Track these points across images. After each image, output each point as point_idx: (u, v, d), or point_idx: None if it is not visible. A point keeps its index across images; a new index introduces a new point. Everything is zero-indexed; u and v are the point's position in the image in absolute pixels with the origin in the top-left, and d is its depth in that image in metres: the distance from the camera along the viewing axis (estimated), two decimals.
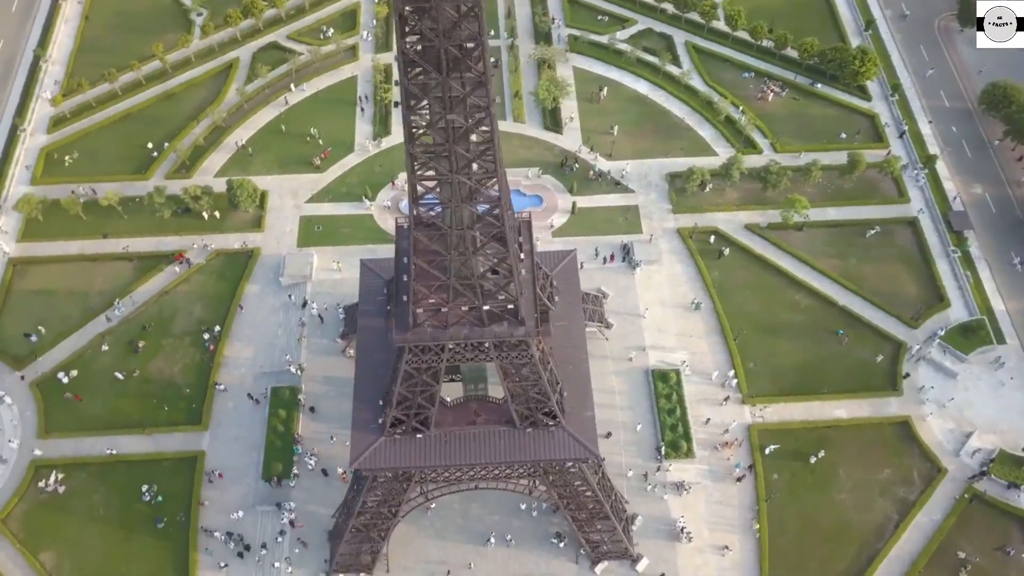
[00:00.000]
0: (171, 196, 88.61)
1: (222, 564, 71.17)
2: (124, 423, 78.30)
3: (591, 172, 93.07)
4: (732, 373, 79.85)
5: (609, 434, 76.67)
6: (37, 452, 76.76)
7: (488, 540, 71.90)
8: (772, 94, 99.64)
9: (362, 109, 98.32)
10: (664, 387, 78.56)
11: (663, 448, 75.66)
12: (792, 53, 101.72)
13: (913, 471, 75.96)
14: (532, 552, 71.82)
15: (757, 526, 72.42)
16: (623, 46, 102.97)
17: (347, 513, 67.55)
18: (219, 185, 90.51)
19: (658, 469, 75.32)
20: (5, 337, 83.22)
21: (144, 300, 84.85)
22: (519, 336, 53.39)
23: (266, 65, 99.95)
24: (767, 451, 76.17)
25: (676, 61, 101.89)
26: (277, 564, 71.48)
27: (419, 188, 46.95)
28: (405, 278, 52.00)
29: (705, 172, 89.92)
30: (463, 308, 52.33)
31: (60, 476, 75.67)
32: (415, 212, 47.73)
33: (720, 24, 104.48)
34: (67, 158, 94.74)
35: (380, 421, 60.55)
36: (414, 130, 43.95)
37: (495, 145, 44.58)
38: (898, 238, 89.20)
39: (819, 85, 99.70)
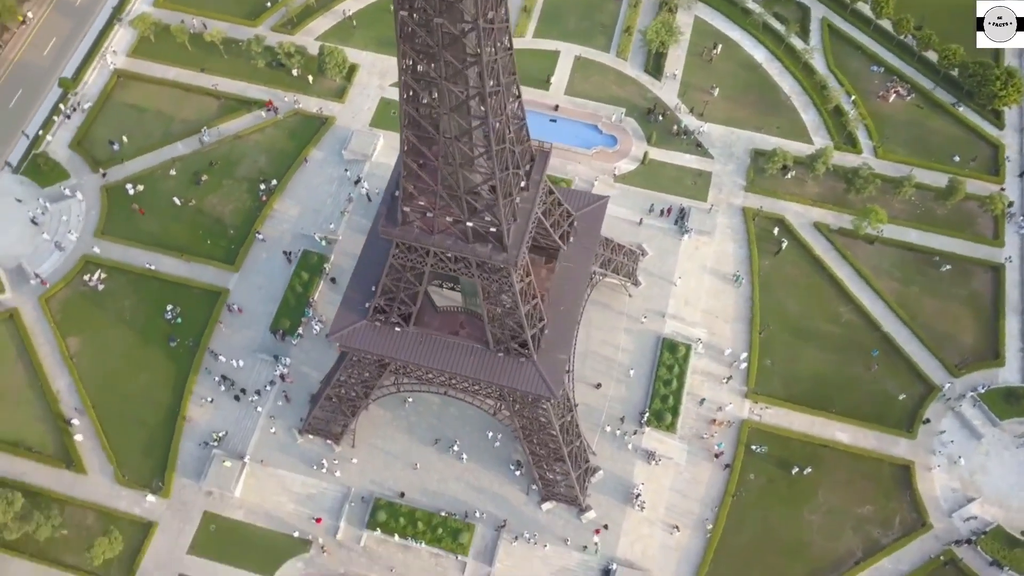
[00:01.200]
0: (268, 47, 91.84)
1: (208, 399, 76.46)
2: (169, 244, 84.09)
3: (676, 127, 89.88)
4: (744, 356, 77.52)
5: (599, 385, 76.65)
6: (96, 250, 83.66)
7: (452, 447, 74.16)
8: (895, 95, 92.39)
9: None
10: (670, 358, 77.26)
11: (647, 415, 75.00)
12: (932, 57, 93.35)
13: (896, 516, 72.59)
14: (488, 471, 73.74)
15: (711, 525, 71.38)
16: (753, 5, 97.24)
17: (326, 382, 71.04)
18: (315, 48, 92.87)
19: (635, 432, 74.90)
20: (93, 139, 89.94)
21: (218, 139, 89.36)
22: (498, 261, 53.60)
23: None
24: (752, 448, 74.31)
25: (804, 35, 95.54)
26: (259, 409, 76.20)
27: (410, 89, 46.75)
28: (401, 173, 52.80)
29: (790, 156, 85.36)
30: (448, 219, 52.79)
31: (103, 276, 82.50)
32: (404, 109, 47.76)
33: (865, 7, 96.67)
34: None
35: (367, 305, 62.63)
36: (405, 27, 43.62)
37: (482, 63, 43.64)
38: (974, 281, 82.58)
39: (956, 103, 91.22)
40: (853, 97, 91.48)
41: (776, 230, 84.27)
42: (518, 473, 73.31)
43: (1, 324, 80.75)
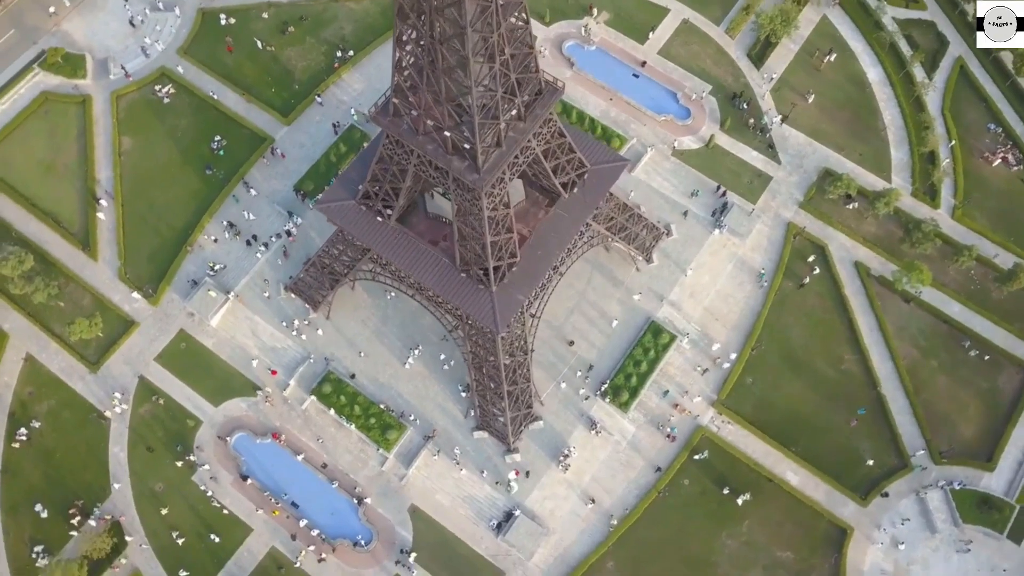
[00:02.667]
0: None
1: (214, 238, 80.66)
2: (237, 80, 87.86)
3: (754, 120, 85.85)
4: (732, 359, 75.80)
5: (572, 343, 76.40)
6: (180, 70, 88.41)
7: (414, 350, 76.14)
8: (1001, 160, 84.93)
9: None
10: (650, 341, 75.98)
11: (606, 385, 74.52)
12: None
13: (812, 573, 70.24)
14: (438, 384, 75.56)
15: (627, 511, 71.11)
16: (889, 21, 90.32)
17: (317, 250, 73.76)
18: None
19: (588, 398, 74.72)
20: None
21: None
22: (469, 181, 53.77)
23: None
24: (696, 457, 73.04)
25: (930, 68, 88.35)
26: (259, 256, 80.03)
27: None
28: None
29: (855, 186, 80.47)
30: (430, 123, 53.08)
31: (171, 91, 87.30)
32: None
33: (1008, 59, 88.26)
34: None
35: (360, 188, 64.26)
36: None
37: None
38: (1000, 376, 76.66)
39: None
40: (953, 143, 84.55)
41: (812, 258, 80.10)
42: (464, 395, 74.68)
43: (74, 105, 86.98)
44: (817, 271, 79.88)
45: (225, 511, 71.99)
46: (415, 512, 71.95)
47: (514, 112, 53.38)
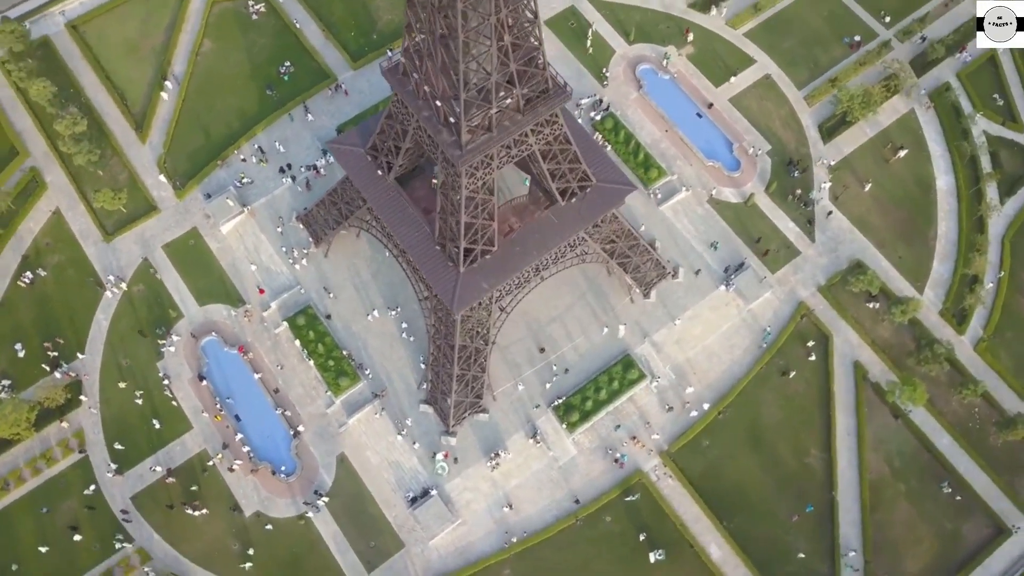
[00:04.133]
0: None
1: (242, 157, 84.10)
2: (322, 15, 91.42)
3: (800, 192, 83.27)
4: (695, 415, 74.23)
5: (543, 350, 76.28)
6: None
7: (393, 310, 77.73)
8: None
9: None
10: (618, 372, 75.01)
11: (560, 401, 74.05)
12: None
13: None
14: (404, 349, 77.08)
15: (525, 533, 70.79)
16: (978, 132, 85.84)
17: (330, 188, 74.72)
18: None
19: (538, 406, 74.46)
20: None
21: None
22: (448, 154, 54.53)
23: None
24: (627, 498, 71.84)
25: (1005, 191, 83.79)
26: (284, 182, 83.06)
27: None
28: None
29: (878, 284, 77.11)
30: (426, 89, 54.06)
31: (262, 9, 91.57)
32: None
33: None
34: None
35: (371, 139, 65.49)
36: None
37: None
38: (968, 522, 72.04)
39: None
40: (1002, 274, 79.80)
41: (812, 343, 77.23)
42: (423, 366, 75.58)
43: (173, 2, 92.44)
44: (813, 358, 76.89)
45: (174, 403, 75.27)
46: (342, 461, 73.43)
47: (509, 102, 53.72)
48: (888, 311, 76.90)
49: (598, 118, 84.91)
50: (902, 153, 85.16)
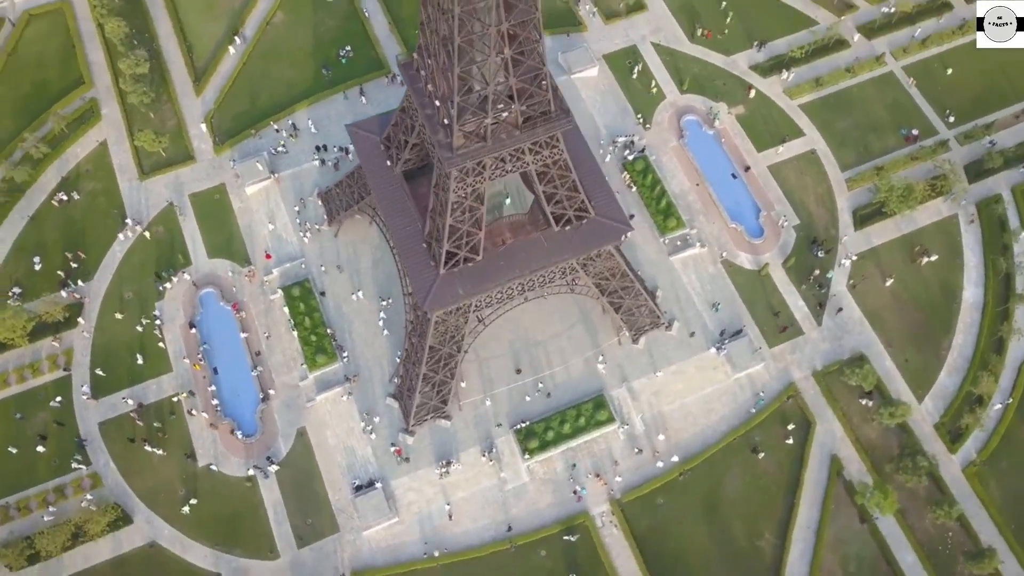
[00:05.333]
0: None
1: (276, 127, 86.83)
2: (391, 7, 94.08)
3: (819, 273, 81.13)
4: (661, 466, 73.00)
5: (519, 371, 76.14)
6: None
7: (383, 301, 78.79)
8: None
9: None
10: (588, 411, 74.24)
11: (524, 426, 73.70)
12: None
13: None
14: (385, 340, 77.79)
15: (456, 549, 70.42)
16: (1021, 251, 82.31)
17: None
18: None
19: (500, 425, 74.31)
20: None
21: None
22: (439, 153, 55.37)
23: None
24: (565, 537, 70.86)
25: None
26: (315, 162, 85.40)
27: None
28: None
29: (873, 379, 74.32)
30: (430, 88, 55.09)
31: None
32: None
33: None
34: None
35: (388, 129, 67.03)
36: None
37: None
38: None
39: None
40: (1010, 401, 75.99)
41: (792, 427, 74.94)
42: (398, 360, 76.31)
43: None
44: (790, 442, 74.58)
45: (160, 343, 77.89)
46: (301, 434, 74.61)
47: (506, 115, 54.27)
48: (880, 411, 73.90)
49: (630, 158, 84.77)
50: (931, 258, 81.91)
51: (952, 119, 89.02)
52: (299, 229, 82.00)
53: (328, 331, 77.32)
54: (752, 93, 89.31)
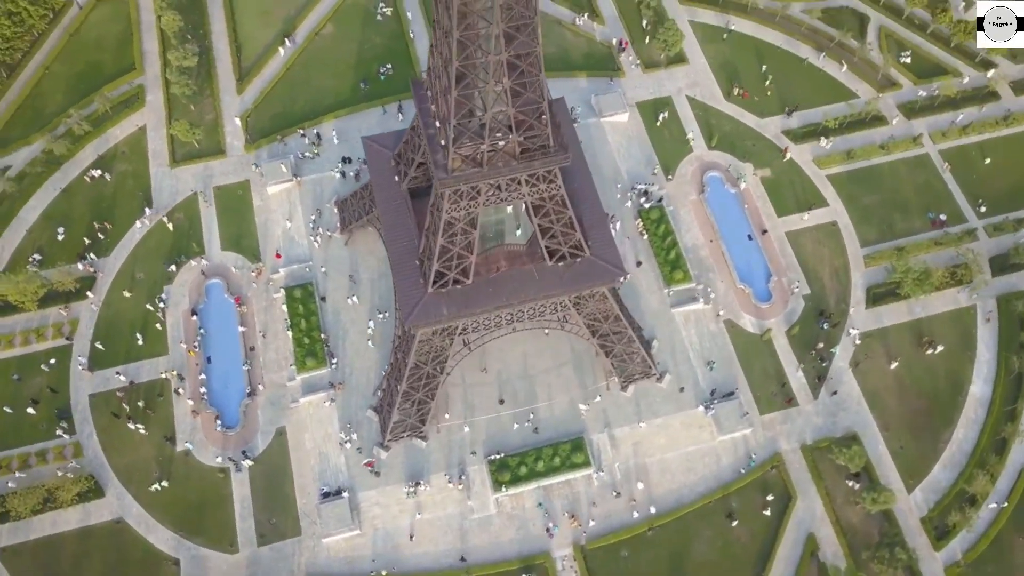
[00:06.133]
0: None
1: (302, 133, 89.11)
2: None
3: (822, 347, 79.40)
4: (636, 517, 72.01)
5: (502, 401, 75.91)
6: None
7: (380, 314, 79.49)
8: None
9: None
10: (564, 452, 73.53)
11: (497, 457, 73.23)
12: None
13: None
14: (377, 352, 78.24)
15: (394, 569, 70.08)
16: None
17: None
18: None
19: (475, 453, 73.99)
20: None
21: None
22: (434, 173, 56.02)
23: None
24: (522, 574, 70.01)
25: None
26: (335, 172, 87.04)
27: None
28: None
29: (860, 464, 72.22)
30: (433, 108, 56.05)
31: (388, 12, 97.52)
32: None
33: None
34: None
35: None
36: None
37: None
38: None
39: None
40: (1005, 505, 72.89)
41: (771, 497, 73.07)
42: (384, 372, 76.68)
43: None
44: (768, 513, 72.65)
45: (160, 326, 79.72)
46: (280, 434, 75.31)
47: (503, 144, 54.83)
48: (865, 498, 71.54)
49: (647, 206, 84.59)
50: (937, 349, 79.53)
51: (983, 209, 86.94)
52: (311, 233, 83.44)
53: (322, 336, 78.24)
54: (787, 156, 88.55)
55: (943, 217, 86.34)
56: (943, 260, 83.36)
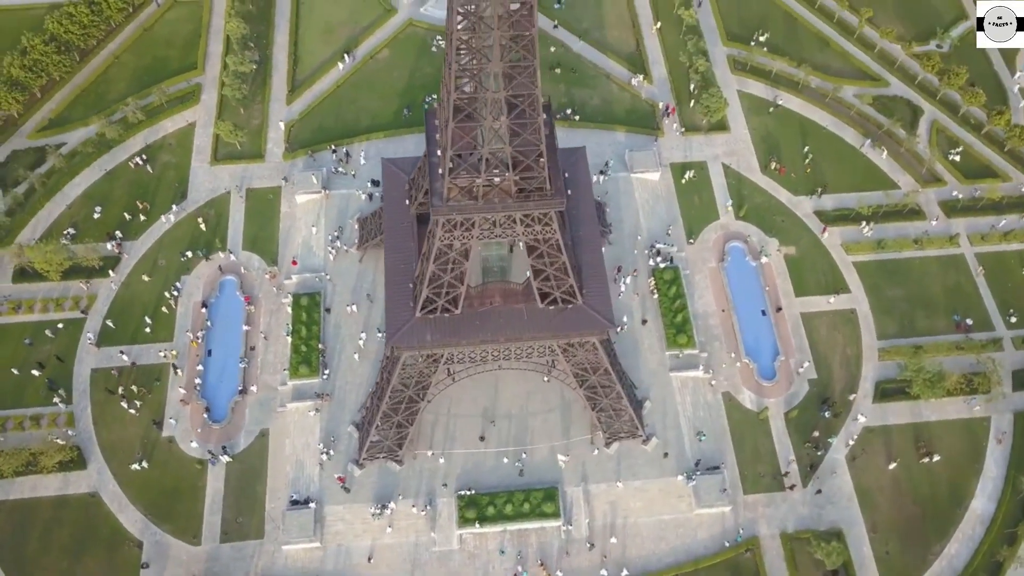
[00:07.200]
0: None
1: (332, 149, 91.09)
2: None
3: (819, 434, 77.04)
4: (614, 541, 70.87)
5: (483, 438, 75.46)
6: None
7: (379, 333, 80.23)
8: None
9: None
10: (536, 499, 72.48)
11: (468, 494, 72.65)
12: None
13: None
14: (370, 369, 78.88)
15: None
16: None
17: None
18: None
19: (446, 485, 73.59)
20: None
21: None
22: (431, 201, 56.95)
23: None
24: None
25: None
26: (368, 187, 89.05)
27: None
28: None
29: (840, 562, 69.35)
30: (438, 137, 57.15)
31: (441, 44, 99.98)
32: None
33: None
34: None
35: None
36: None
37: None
38: None
39: None
40: None
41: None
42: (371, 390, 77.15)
43: (383, 9, 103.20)
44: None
45: (168, 311, 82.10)
46: (262, 435, 76.33)
47: (498, 180, 55.41)
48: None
49: (662, 265, 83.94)
50: (933, 459, 76.09)
51: (1014, 319, 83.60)
52: (329, 245, 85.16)
53: (320, 346, 79.34)
54: (826, 235, 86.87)
55: (969, 321, 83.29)
56: (962, 366, 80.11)
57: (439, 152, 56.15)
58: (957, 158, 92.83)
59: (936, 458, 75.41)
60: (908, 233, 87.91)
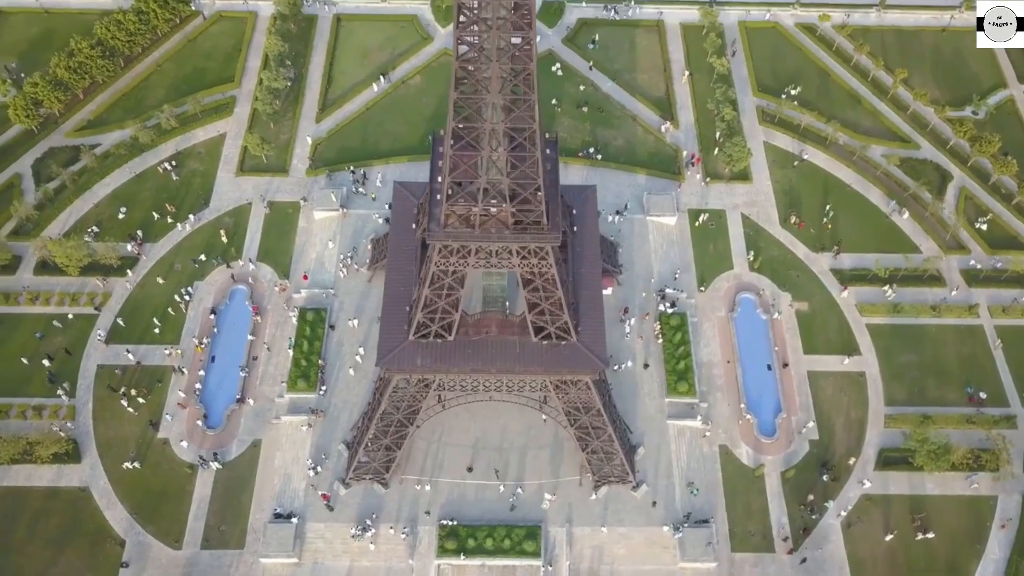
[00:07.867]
0: None
1: (351, 168, 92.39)
2: None
3: (814, 497, 74.98)
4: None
5: (471, 469, 74.99)
6: None
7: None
8: None
9: None
10: (518, 536, 71.56)
11: (450, 524, 72.04)
12: None
13: None
14: (367, 389, 79.07)
15: None
16: None
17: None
18: None
19: (429, 513, 73.19)
20: None
21: None
22: (428, 225, 57.38)
23: None
24: None
25: None
26: (386, 210, 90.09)
27: None
28: None
29: None
30: (441, 163, 57.74)
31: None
32: None
33: None
34: None
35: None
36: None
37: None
38: None
39: None
40: None
41: None
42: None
43: (419, 39, 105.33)
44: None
45: (175, 314, 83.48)
46: (255, 446, 76.84)
47: (495, 211, 55.61)
48: None
49: (669, 311, 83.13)
50: (927, 536, 73.45)
51: None
52: (341, 263, 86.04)
53: (320, 362, 79.85)
54: (845, 294, 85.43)
55: (983, 395, 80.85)
56: (970, 440, 77.63)
57: (440, 179, 56.60)
58: (984, 227, 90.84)
59: (931, 535, 72.69)
60: (926, 299, 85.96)
